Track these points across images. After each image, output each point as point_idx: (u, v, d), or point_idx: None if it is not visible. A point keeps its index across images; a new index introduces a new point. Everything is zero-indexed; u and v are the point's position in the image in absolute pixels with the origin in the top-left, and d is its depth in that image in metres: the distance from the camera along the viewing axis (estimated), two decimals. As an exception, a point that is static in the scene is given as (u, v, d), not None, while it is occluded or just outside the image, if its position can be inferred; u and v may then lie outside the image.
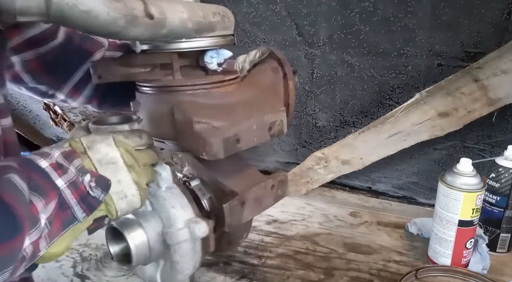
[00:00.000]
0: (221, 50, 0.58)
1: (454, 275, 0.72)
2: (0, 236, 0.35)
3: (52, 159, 0.44)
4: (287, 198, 1.04)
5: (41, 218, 0.41)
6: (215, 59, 0.58)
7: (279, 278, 0.72)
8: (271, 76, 0.69)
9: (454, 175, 0.72)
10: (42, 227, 0.41)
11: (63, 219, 0.44)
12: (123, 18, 0.40)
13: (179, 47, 0.56)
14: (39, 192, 0.41)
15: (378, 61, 1.08)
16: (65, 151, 0.46)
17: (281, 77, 0.68)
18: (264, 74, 0.69)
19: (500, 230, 0.79)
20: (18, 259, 0.38)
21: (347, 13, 1.04)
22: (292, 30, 1.13)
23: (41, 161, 0.44)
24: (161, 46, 0.56)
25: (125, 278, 0.71)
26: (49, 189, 0.42)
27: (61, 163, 0.44)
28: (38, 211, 0.40)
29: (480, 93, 0.97)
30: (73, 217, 0.45)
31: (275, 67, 0.69)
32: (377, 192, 1.36)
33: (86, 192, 0.45)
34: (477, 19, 0.93)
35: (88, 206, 0.45)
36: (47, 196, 0.42)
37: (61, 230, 0.44)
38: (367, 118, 1.19)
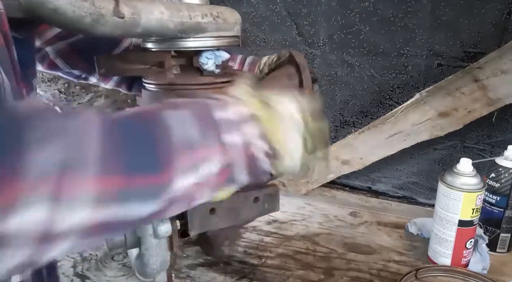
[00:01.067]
0: (219, 52, 0.58)
1: (454, 275, 0.72)
2: (145, 168, 0.36)
3: (227, 112, 0.43)
4: (287, 198, 1.05)
5: (204, 167, 0.40)
6: (211, 61, 0.58)
7: (279, 278, 0.72)
8: (285, 83, 0.65)
9: (454, 175, 0.72)
10: (203, 175, 0.41)
11: (227, 175, 0.43)
12: (89, 17, 0.42)
13: (172, 47, 0.57)
14: (210, 141, 0.41)
15: (378, 61, 1.08)
16: (245, 110, 0.44)
17: (296, 84, 0.65)
18: (277, 80, 0.66)
19: (500, 230, 0.79)
20: (169, 197, 0.38)
21: (347, 13, 1.04)
22: (292, 30, 1.13)
23: (218, 112, 0.43)
24: (157, 44, 0.57)
25: (125, 278, 0.71)
26: (217, 142, 0.42)
27: (235, 120, 0.43)
28: (203, 159, 0.40)
29: (480, 93, 0.97)
30: (234, 177, 0.44)
31: (292, 73, 0.66)
32: (377, 192, 1.36)
33: (254, 157, 0.44)
34: (477, 19, 0.93)
35: (251, 172, 0.44)
36: (214, 148, 0.41)
37: (223, 185, 0.44)
38: (367, 118, 1.19)
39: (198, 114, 0.42)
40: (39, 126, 0.31)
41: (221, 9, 0.56)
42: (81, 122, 0.34)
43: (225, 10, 0.57)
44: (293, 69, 0.65)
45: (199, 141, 0.40)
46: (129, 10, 0.45)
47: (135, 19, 0.46)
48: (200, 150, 0.40)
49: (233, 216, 0.61)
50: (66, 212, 0.31)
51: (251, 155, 0.44)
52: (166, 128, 0.39)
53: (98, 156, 0.33)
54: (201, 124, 0.41)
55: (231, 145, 0.42)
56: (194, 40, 0.55)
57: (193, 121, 0.41)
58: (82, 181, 0.32)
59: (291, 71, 0.66)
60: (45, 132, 0.31)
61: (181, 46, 0.56)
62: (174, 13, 0.50)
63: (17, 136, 0.29)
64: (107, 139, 0.34)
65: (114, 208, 0.34)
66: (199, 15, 0.52)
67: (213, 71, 0.59)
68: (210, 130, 0.42)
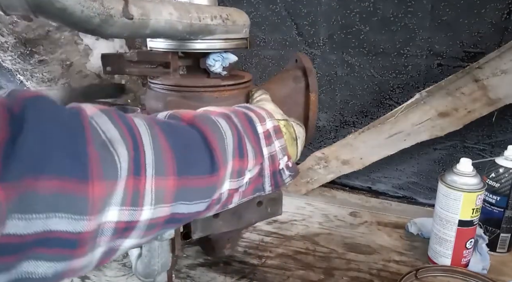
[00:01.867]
0: (226, 54, 0.58)
1: (454, 275, 0.72)
2: (202, 170, 0.39)
3: (265, 127, 0.47)
4: (287, 198, 1.04)
5: (246, 175, 0.44)
6: (218, 63, 0.57)
7: (279, 278, 0.72)
8: (291, 85, 0.64)
9: (454, 175, 0.72)
10: (243, 183, 0.44)
11: (256, 185, 0.47)
12: (98, 17, 0.41)
13: (179, 48, 0.56)
14: (254, 151, 0.45)
15: (378, 61, 1.08)
16: (276, 126, 0.49)
17: (302, 88, 0.64)
18: (283, 83, 0.65)
19: (500, 230, 0.79)
20: (215, 198, 0.41)
21: (347, 13, 1.04)
22: (292, 30, 1.13)
23: (259, 125, 0.47)
24: (164, 45, 0.57)
25: (125, 278, 0.71)
26: (258, 153, 0.46)
27: (270, 135, 0.47)
28: (247, 168, 0.44)
29: (480, 93, 0.97)
30: (262, 187, 0.48)
31: (298, 76, 0.65)
32: (377, 192, 1.36)
33: (279, 169, 0.48)
34: (477, 19, 0.93)
35: (276, 183, 0.49)
36: (257, 158, 0.45)
37: (250, 194, 0.48)
38: (367, 118, 1.19)
39: (245, 126, 0.45)
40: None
41: (230, 11, 0.56)
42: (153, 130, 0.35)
43: (234, 11, 0.57)
44: (299, 72, 0.65)
45: (246, 151, 0.44)
46: (138, 11, 0.44)
47: (144, 21, 0.45)
48: (246, 159, 0.44)
49: (236, 220, 0.61)
50: (146, 207, 0.33)
51: (277, 167, 0.48)
52: (222, 136, 0.41)
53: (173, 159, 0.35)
54: (248, 136, 0.45)
55: (265, 158, 0.47)
56: (201, 42, 0.55)
57: (241, 132, 0.44)
58: (162, 182, 0.34)
59: (297, 74, 0.65)
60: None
61: (188, 48, 0.56)
62: (183, 15, 0.49)
63: None
64: (176, 148, 0.36)
65: (181, 205, 0.36)
66: (208, 17, 0.52)
67: (220, 74, 0.59)
68: (254, 142, 0.46)
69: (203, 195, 0.39)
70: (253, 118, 0.47)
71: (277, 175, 0.48)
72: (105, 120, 0.31)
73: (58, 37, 1.07)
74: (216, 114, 0.44)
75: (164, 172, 0.34)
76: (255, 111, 0.49)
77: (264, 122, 0.48)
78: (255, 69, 1.23)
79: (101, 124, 0.31)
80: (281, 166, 0.48)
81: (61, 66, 1.11)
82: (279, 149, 0.48)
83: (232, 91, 0.59)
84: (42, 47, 1.08)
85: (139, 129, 0.34)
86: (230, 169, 0.42)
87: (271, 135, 0.48)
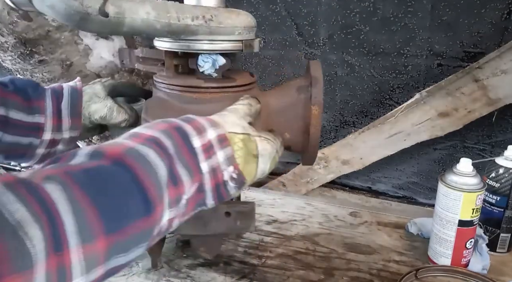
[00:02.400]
0: (216, 56, 0.56)
1: (454, 275, 0.72)
2: (135, 215, 0.35)
3: (205, 138, 0.45)
4: (287, 198, 1.05)
5: (183, 198, 0.42)
6: (208, 64, 0.56)
7: (279, 278, 0.72)
8: (293, 96, 0.60)
9: (454, 175, 0.72)
10: (181, 206, 0.42)
11: (196, 201, 0.45)
12: (77, 15, 0.45)
13: (167, 47, 0.57)
14: (190, 173, 0.42)
15: (378, 61, 1.08)
16: (221, 135, 0.46)
17: (306, 99, 0.58)
18: (285, 92, 0.61)
19: (500, 230, 0.79)
20: (154, 234, 0.39)
21: (347, 13, 1.04)
22: (292, 30, 1.13)
23: (195, 139, 0.44)
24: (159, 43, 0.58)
25: (125, 278, 0.71)
26: (195, 172, 0.43)
27: (211, 146, 0.45)
28: (185, 191, 0.41)
29: (480, 93, 0.97)
30: (204, 202, 0.46)
31: (303, 86, 0.60)
32: (377, 192, 1.36)
33: (222, 181, 0.46)
34: (477, 19, 0.93)
35: (219, 196, 0.46)
36: (193, 178, 0.43)
37: (192, 211, 0.45)
38: (367, 118, 1.19)
39: (179, 144, 0.42)
40: None
41: (218, 12, 0.54)
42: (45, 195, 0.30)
43: (223, 12, 0.55)
44: (305, 81, 0.60)
45: (179, 175, 0.41)
46: (114, 10, 0.47)
47: (119, 19, 0.47)
48: (181, 184, 0.41)
49: (201, 226, 0.59)
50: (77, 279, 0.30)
51: (220, 179, 0.45)
52: (153, 169, 0.38)
53: (99, 217, 0.31)
54: (181, 157, 0.42)
55: (205, 172, 0.44)
56: (185, 42, 0.55)
57: (172, 157, 0.41)
58: (91, 247, 0.31)
59: (302, 84, 0.60)
60: None
61: (183, 48, 0.56)
62: (161, 14, 0.50)
63: None
64: (100, 202, 0.32)
65: (117, 259, 0.34)
66: (189, 17, 0.52)
67: (211, 75, 0.58)
68: (189, 161, 0.43)
69: (140, 240, 0.37)
70: (188, 132, 0.44)
71: (221, 188, 0.46)
72: (11, 199, 0.28)
73: (58, 37, 1.08)
74: (144, 140, 0.40)
75: (91, 236, 0.31)
76: (194, 122, 0.46)
77: (204, 132, 0.45)
78: (255, 69, 1.23)
79: (7, 205, 0.27)
80: (225, 177, 0.45)
81: (61, 66, 1.11)
82: (222, 160, 0.45)
83: (215, 94, 0.57)
84: (42, 47, 1.08)
85: (51, 197, 0.30)
86: (167, 200, 0.39)
87: (212, 146, 0.45)
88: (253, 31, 0.58)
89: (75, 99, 0.63)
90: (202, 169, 0.44)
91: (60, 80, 1.15)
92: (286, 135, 0.59)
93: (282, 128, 0.58)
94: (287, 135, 0.60)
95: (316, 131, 0.58)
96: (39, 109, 0.59)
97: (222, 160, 0.45)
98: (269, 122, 0.59)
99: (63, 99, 0.62)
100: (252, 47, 0.58)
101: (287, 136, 0.60)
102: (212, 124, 0.47)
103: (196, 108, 0.55)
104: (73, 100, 0.63)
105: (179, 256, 0.77)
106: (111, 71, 1.19)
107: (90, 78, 1.16)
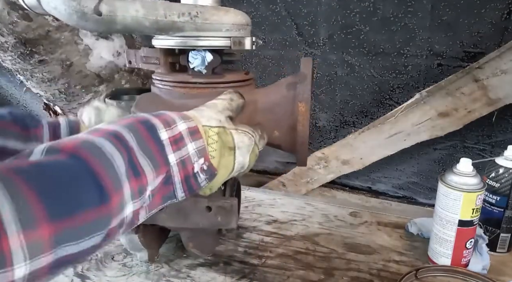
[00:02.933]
0: (205, 53, 0.57)
1: (454, 275, 0.72)
2: (87, 204, 0.35)
3: (174, 131, 0.45)
4: (287, 198, 1.05)
5: (147, 190, 0.42)
6: (197, 61, 0.58)
7: (279, 278, 0.72)
8: (283, 93, 0.59)
9: (454, 175, 0.72)
10: (146, 198, 0.42)
11: (164, 194, 0.45)
12: (75, 14, 0.49)
13: (160, 44, 0.59)
14: (154, 164, 0.42)
15: (378, 61, 1.08)
16: (192, 127, 0.47)
17: (292, 96, 0.57)
18: (275, 89, 0.60)
19: (500, 230, 0.79)
20: (113, 225, 0.38)
21: (347, 13, 1.04)
22: (292, 30, 1.13)
23: (162, 132, 0.44)
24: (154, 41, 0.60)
25: (125, 278, 0.71)
26: (162, 163, 0.43)
27: (181, 138, 0.45)
28: (148, 183, 0.41)
29: (480, 93, 0.97)
30: (173, 194, 0.46)
31: (292, 83, 0.59)
32: (377, 192, 1.36)
33: (192, 173, 0.46)
34: (477, 19, 0.93)
35: (189, 188, 0.46)
36: (158, 170, 0.43)
37: (160, 204, 0.45)
38: (367, 118, 1.19)
39: (144, 137, 0.43)
40: None
41: (204, 9, 0.55)
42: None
43: (210, 9, 0.55)
44: (295, 79, 0.59)
45: (141, 166, 0.41)
46: (107, 8, 0.50)
47: (111, 17, 0.51)
48: (143, 175, 0.41)
49: (181, 218, 0.59)
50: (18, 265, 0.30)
51: (190, 171, 0.46)
52: (109, 160, 0.38)
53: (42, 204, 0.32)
54: (145, 148, 0.42)
55: (173, 164, 0.44)
56: (176, 39, 0.56)
57: (132, 149, 0.41)
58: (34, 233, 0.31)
59: (291, 81, 0.60)
60: None
61: (166, 45, 0.58)
62: (149, 12, 0.52)
63: None
64: (45, 190, 0.32)
65: (66, 248, 0.34)
66: (175, 14, 0.53)
67: (200, 71, 0.58)
68: (155, 152, 0.43)
69: (94, 228, 0.36)
70: (156, 125, 0.45)
71: (191, 179, 0.46)
72: None
73: (58, 37, 1.08)
74: (103, 134, 0.40)
75: (33, 222, 0.31)
76: (162, 116, 0.46)
77: (174, 125, 0.45)
78: (255, 69, 1.23)
79: None
80: (195, 169, 0.46)
81: (61, 66, 1.11)
82: (194, 152, 0.46)
83: (203, 90, 0.58)
84: (42, 47, 1.08)
85: None
86: (128, 191, 0.39)
87: (183, 138, 0.45)
88: (244, 29, 0.59)
89: (73, 127, 0.62)
90: (170, 161, 0.44)
91: (60, 80, 1.15)
92: (275, 133, 0.59)
93: (271, 126, 0.58)
94: (276, 133, 0.59)
95: (304, 129, 0.56)
96: (36, 137, 0.59)
97: (193, 151, 0.46)
98: (257, 119, 0.59)
99: (61, 127, 0.61)
100: (242, 44, 0.58)
101: (276, 134, 0.59)
102: (183, 117, 0.47)
103: (184, 103, 0.56)
104: (71, 129, 0.62)
105: (179, 256, 0.77)
106: (111, 71, 1.19)
107: (90, 78, 1.16)
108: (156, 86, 0.61)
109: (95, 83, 1.19)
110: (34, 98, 1.71)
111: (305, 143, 0.57)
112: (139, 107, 0.59)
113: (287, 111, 0.58)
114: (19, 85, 1.65)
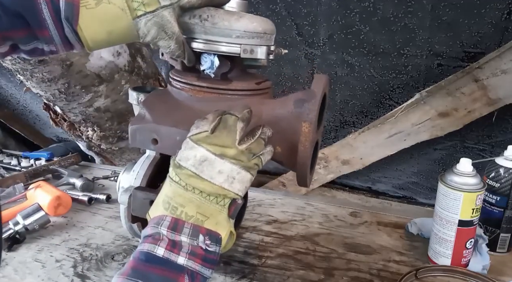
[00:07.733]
0: (214, 57, 0.56)
1: (454, 275, 0.72)
2: None
3: (164, 240, 0.47)
4: (287, 198, 1.05)
5: None
6: (206, 64, 0.57)
7: (279, 278, 0.72)
8: (289, 109, 0.55)
9: (454, 175, 0.72)
10: None
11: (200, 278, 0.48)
12: None
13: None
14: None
15: (378, 61, 1.08)
16: (169, 225, 0.48)
17: (299, 113, 0.53)
18: (282, 104, 0.57)
19: (500, 230, 0.79)
20: None
21: (347, 13, 1.04)
22: (292, 30, 1.13)
23: (158, 249, 0.46)
24: None
25: (125, 278, 0.71)
26: (176, 274, 0.46)
27: (174, 240, 0.47)
28: None
29: (480, 93, 0.97)
30: (203, 277, 0.48)
31: (300, 99, 0.54)
32: (377, 192, 1.36)
33: (204, 252, 0.48)
34: (477, 19, 0.93)
35: (210, 262, 0.48)
36: (178, 281, 0.46)
37: None
38: (367, 118, 1.19)
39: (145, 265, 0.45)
40: None
41: (216, 13, 0.53)
42: None
43: (222, 14, 0.53)
44: (305, 95, 0.55)
45: None
46: None
47: None
48: None
49: None
50: None
51: (202, 253, 0.48)
52: None
53: None
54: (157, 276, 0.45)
55: (185, 266, 0.46)
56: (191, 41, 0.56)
57: None
58: None
59: (300, 97, 0.55)
60: None
61: None
62: None
63: None
64: None
65: None
66: (187, 15, 0.53)
67: (209, 75, 0.58)
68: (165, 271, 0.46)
69: None
70: (148, 249, 0.47)
71: (207, 256, 0.48)
72: None
73: (58, 37, 1.08)
74: None
75: None
76: (147, 237, 0.48)
77: (160, 237, 0.47)
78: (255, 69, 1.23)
79: None
80: (203, 247, 0.48)
81: (61, 66, 1.11)
82: (190, 240, 0.47)
83: (208, 94, 0.57)
84: (42, 47, 1.08)
85: None
86: None
87: (174, 240, 0.47)
88: (260, 37, 0.56)
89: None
90: (180, 264, 0.46)
91: (60, 80, 1.15)
92: (277, 149, 0.56)
93: (274, 141, 0.53)
94: (279, 149, 0.56)
95: (305, 150, 0.52)
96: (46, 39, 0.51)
97: (188, 240, 0.47)
98: None
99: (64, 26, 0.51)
100: (254, 53, 0.55)
101: (279, 150, 0.56)
102: (156, 221, 0.49)
103: (189, 105, 0.57)
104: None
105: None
106: (111, 71, 1.19)
107: (90, 78, 1.16)
108: (170, 84, 0.62)
109: (95, 83, 1.19)
110: (34, 99, 1.72)
111: (306, 164, 0.54)
112: (146, 103, 0.59)
113: (291, 129, 0.54)
114: (19, 85, 1.65)
